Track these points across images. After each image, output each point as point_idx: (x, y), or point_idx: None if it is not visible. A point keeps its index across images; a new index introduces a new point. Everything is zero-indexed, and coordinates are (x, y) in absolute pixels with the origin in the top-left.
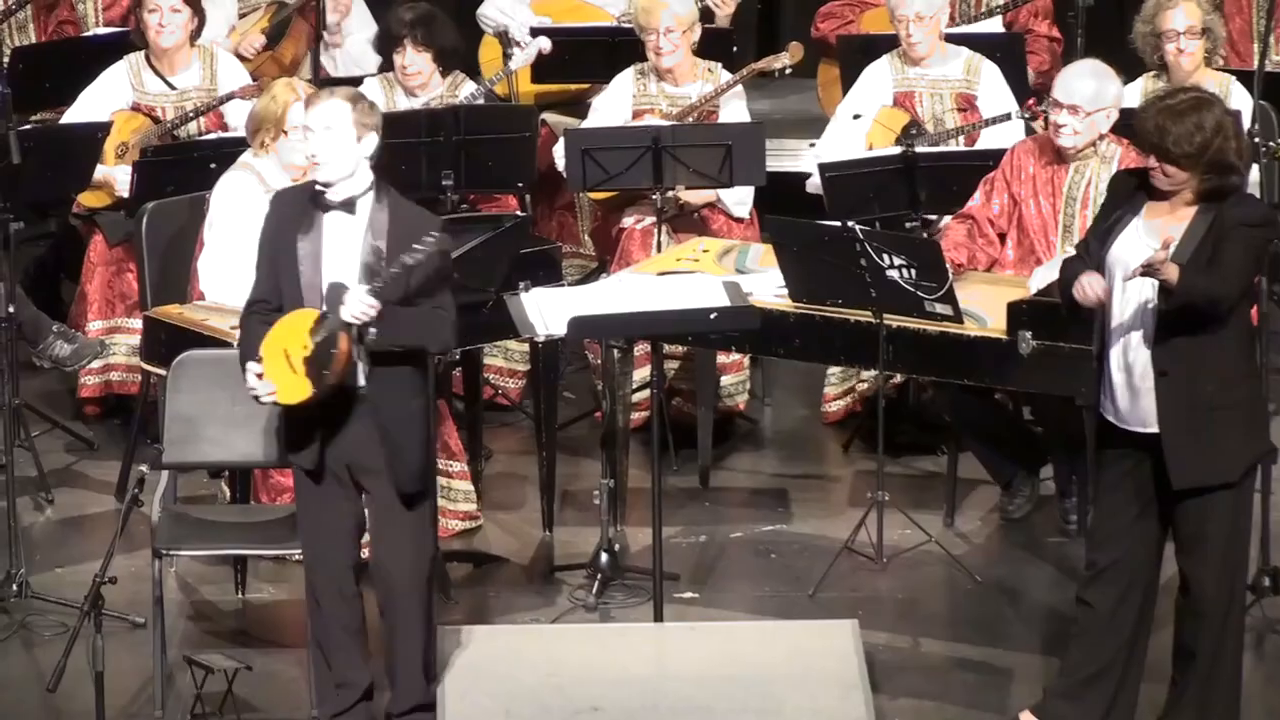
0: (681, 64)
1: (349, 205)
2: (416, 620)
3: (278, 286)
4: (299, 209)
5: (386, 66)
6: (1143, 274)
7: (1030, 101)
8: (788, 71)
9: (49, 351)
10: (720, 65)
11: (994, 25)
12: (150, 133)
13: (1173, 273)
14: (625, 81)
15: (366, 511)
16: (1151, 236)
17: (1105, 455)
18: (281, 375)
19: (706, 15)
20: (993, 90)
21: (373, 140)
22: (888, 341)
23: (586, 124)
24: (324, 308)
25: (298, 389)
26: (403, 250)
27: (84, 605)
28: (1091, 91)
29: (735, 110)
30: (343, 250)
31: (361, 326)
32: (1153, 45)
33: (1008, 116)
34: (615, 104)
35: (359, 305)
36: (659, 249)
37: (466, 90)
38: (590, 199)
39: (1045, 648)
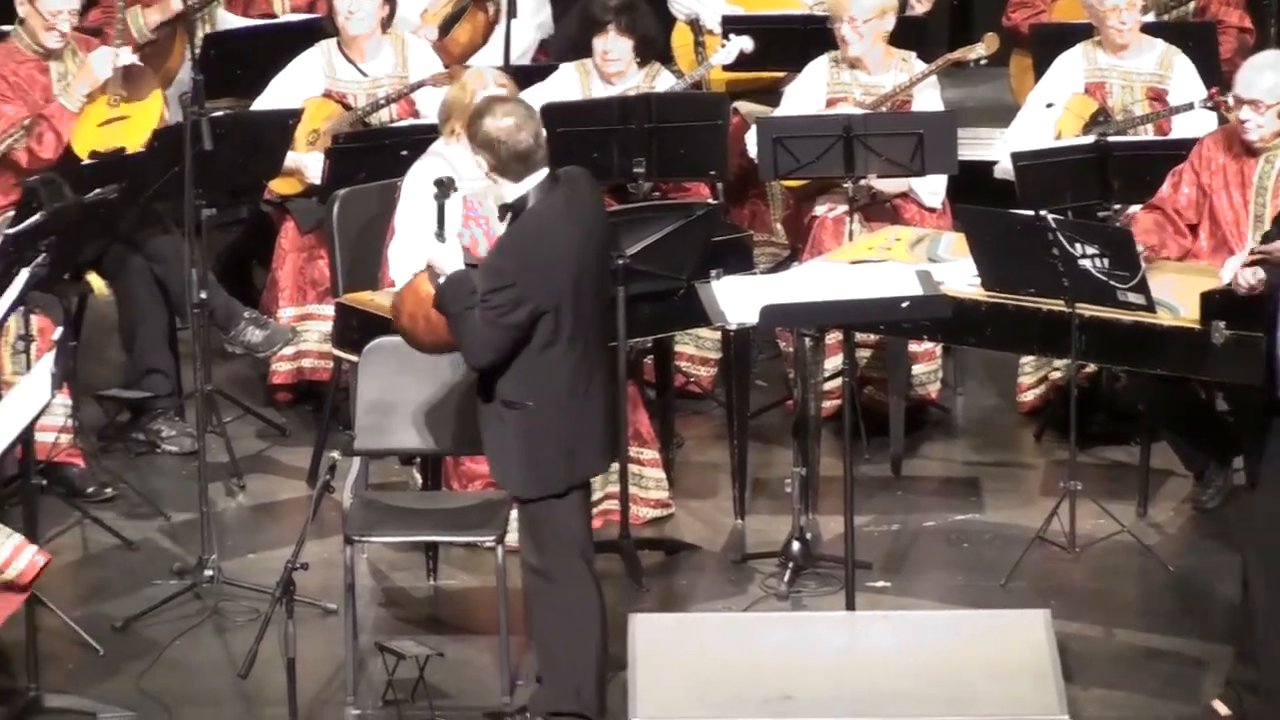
0: (872, 53)
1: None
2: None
3: None
4: None
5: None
6: (1252, 263)
7: (1213, 90)
8: (983, 62)
9: (241, 338)
10: (914, 55)
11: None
12: (342, 120)
13: None
14: (819, 69)
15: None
16: None
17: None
18: None
19: (903, 6)
20: (1185, 85)
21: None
22: (1080, 331)
23: (779, 112)
24: None
25: None
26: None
27: (276, 591)
28: (1270, 84)
29: (929, 99)
30: None
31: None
32: None
33: (1190, 105)
34: (808, 92)
35: (431, 253)
36: (850, 238)
37: (664, 82)
38: (782, 187)
39: (1238, 638)
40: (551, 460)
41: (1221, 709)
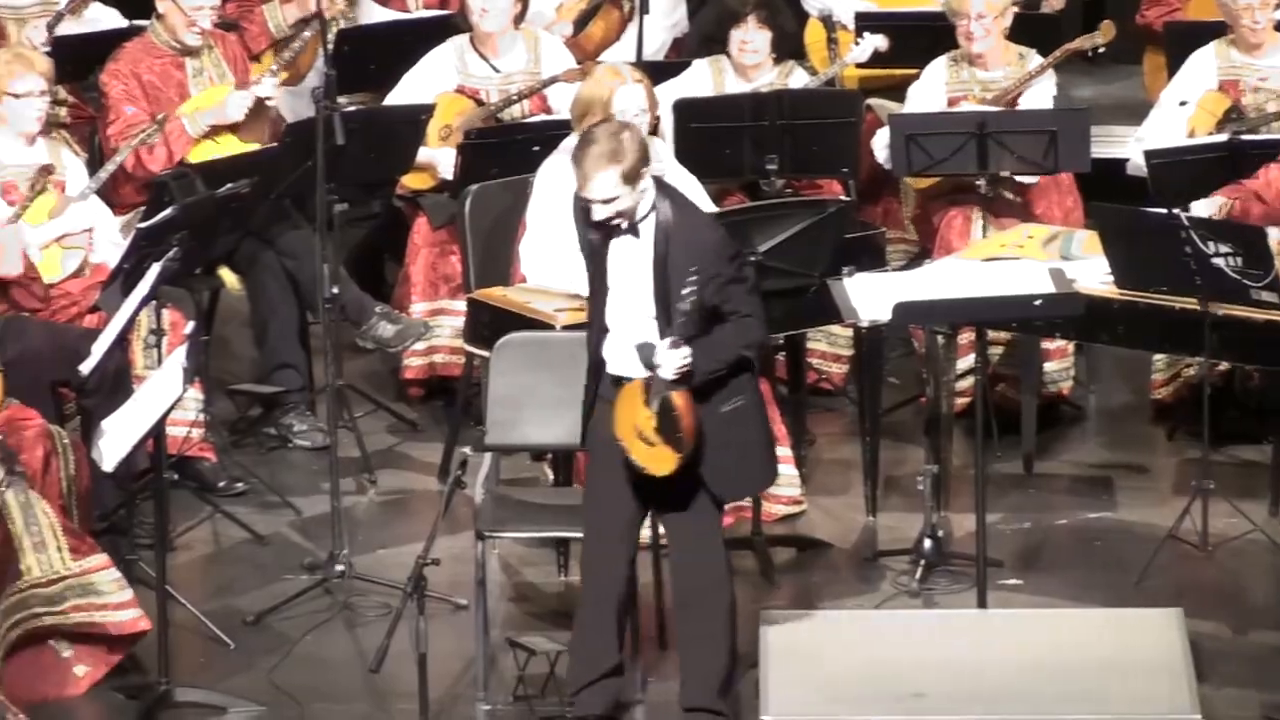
0: (993, 49)
1: (633, 229)
2: (713, 621)
3: None
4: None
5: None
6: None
7: None
8: (1101, 50)
9: (372, 333)
10: (1034, 51)
11: None
12: (474, 115)
13: None
14: (938, 69)
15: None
16: None
17: None
18: (644, 452)
19: (1036, 3)
20: None
21: (647, 181)
22: (1213, 329)
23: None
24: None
25: (665, 458)
26: (690, 265)
27: (407, 587)
28: None
29: (1040, 92)
30: (626, 271)
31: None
32: None
33: None
34: (929, 92)
35: (674, 362)
36: (984, 233)
37: (798, 80)
38: (911, 187)
39: None
40: (770, 451)
41: None
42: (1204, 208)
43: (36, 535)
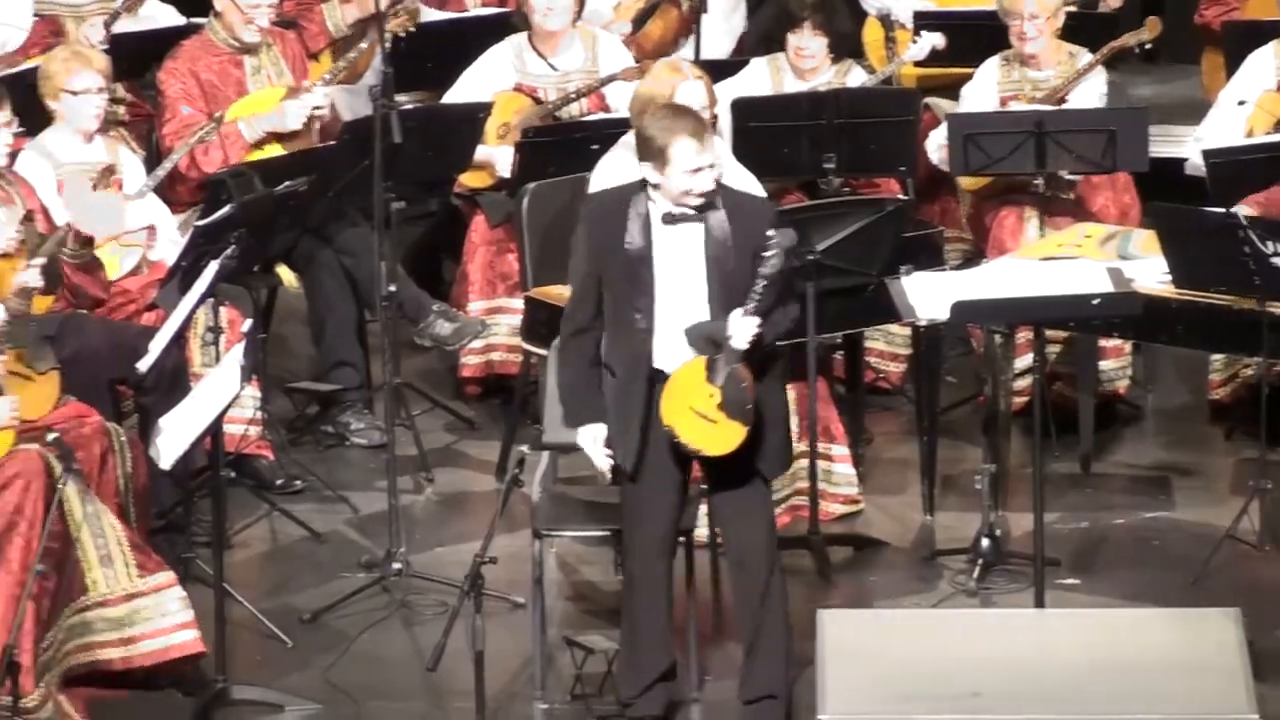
0: (1045, 49)
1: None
2: (776, 604)
3: (599, 307)
4: (622, 216)
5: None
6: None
7: None
8: (1147, 46)
9: (430, 330)
10: (1084, 50)
11: None
12: (532, 114)
13: None
14: (990, 69)
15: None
16: None
17: None
18: (703, 432)
19: (1094, 2)
20: None
21: None
22: (1271, 329)
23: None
24: (692, 351)
25: (729, 434)
26: (748, 246)
27: (464, 585)
28: None
29: (1090, 89)
30: (678, 265)
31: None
32: None
33: None
34: (982, 92)
35: (748, 331)
36: (1042, 234)
37: (856, 79)
38: (963, 188)
39: None
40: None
41: None
42: None
43: (104, 549)
